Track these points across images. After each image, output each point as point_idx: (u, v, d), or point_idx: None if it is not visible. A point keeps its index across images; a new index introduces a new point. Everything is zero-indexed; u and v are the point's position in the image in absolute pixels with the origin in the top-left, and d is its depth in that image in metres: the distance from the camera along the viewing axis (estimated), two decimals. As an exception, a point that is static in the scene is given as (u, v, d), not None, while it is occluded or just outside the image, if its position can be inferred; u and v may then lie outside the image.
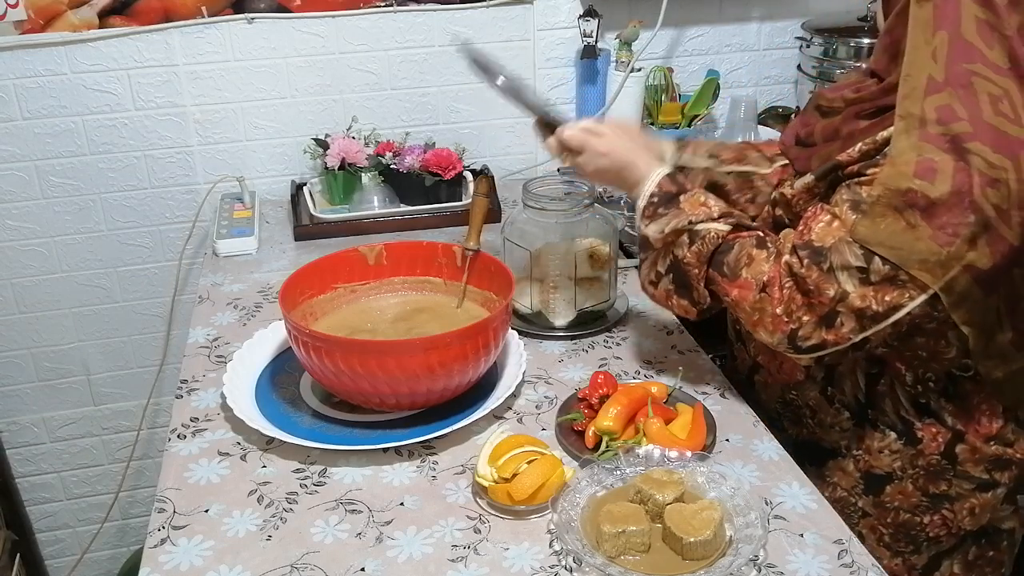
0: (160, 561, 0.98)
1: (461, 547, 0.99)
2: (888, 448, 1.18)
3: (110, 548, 2.29)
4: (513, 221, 1.42)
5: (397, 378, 1.11)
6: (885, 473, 1.19)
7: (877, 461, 1.19)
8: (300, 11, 1.84)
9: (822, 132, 1.15)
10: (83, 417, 2.14)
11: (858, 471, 1.20)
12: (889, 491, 1.19)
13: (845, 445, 1.20)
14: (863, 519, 1.22)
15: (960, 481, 1.17)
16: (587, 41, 1.89)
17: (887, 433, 1.17)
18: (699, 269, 1.14)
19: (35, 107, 1.82)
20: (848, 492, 1.22)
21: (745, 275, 1.10)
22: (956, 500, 1.19)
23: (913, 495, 1.19)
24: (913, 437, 1.16)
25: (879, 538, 1.22)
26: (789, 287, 1.06)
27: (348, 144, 1.80)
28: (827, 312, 1.03)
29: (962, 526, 1.20)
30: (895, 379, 1.15)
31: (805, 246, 1.05)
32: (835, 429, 1.21)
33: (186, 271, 2.01)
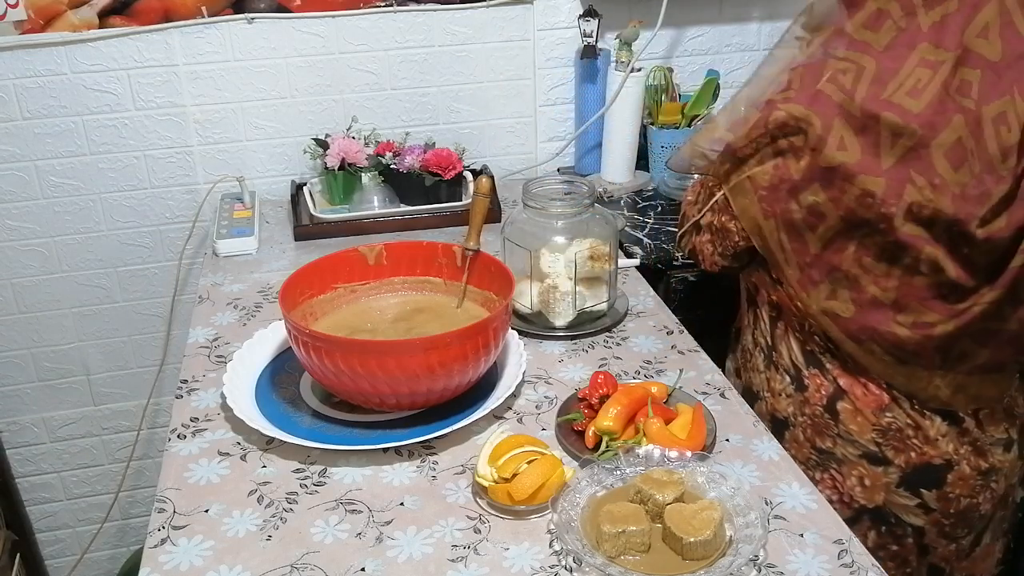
0: (160, 561, 0.98)
1: (461, 547, 0.99)
2: (784, 391, 1.29)
3: (110, 548, 2.29)
4: (513, 221, 1.42)
5: (397, 378, 1.11)
6: (782, 418, 1.29)
7: (778, 404, 1.30)
8: (300, 11, 1.84)
9: None
10: (83, 417, 2.14)
11: (768, 413, 1.32)
12: (788, 437, 1.29)
13: (758, 384, 1.33)
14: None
15: (845, 443, 1.23)
16: (587, 41, 1.89)
17: (784, 376, 1.29)
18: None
19: (35, 107, 1.82)
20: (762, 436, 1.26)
21: None
22: (843, 463, 1.24)
23: (804, 444, 1.28)
24: (802, 384, 1.26)
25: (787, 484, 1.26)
26: None
27: (348, 144, 1.80)
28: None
29: (854, 496, 1.24)
30: (788, 325, 1.26)
31: None
32: (757, 370, 1.34)
33: (186, 271, 2.01)
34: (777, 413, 1.28)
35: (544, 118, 2.05)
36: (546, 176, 1.86)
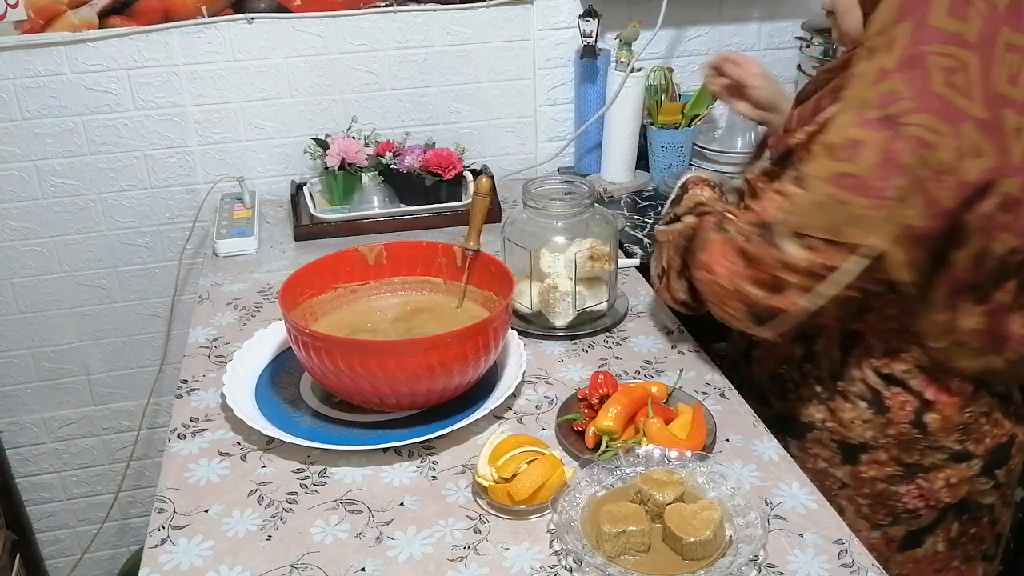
0: (160, 561, 0.98)
1: (461, 547, 0.99)
2: (859, 418, 1.21)
3: (110, 548, 2.29)
4: (513, 221, 1.42)
5: (397, 378, 1.11)
6: (859, 443, 1.22)
7: (850, 432, 1.23)
8: (300, 11, 1.84)
9: (798, 117, 1.19)
10: (83, 417, 2.14)
11: (834, 442, 1.24)
12: (864, 460, 1.23)
13: (821, 418, 1.25)
14: (842, 490, 1.25)
15: (933, 452, 1.20)
16: (587, 41, 1.89)
17: (857, 403, 1.21)
18: (676, 259, 1.25)
19: (35, 107, 1.82)
20: (827, 463, 1.25)
21: (701, 257, 1.16)
22: (930, 470, 1.21)
23: (888, 464, 1.22)
24: (882, 406, 1.20)
25: (857, 509, 1.25)
26: (737, 263, 1.11)
27: (348, 144, 1.80)
28: (770, 278, 1.08)
29: (940, 498, 1.23)
30: (865, 351, 1.19)
31: (755, 223, 1.10)
32: (811, 403, 1.26)
33: (186, 271, 2.01)
34: (850, 440, 1.22)
35: (544, 118, 2.05)
36: (546, 176, 1.86)
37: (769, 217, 1.08)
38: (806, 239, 1.04)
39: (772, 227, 1.07)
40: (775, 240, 1.07)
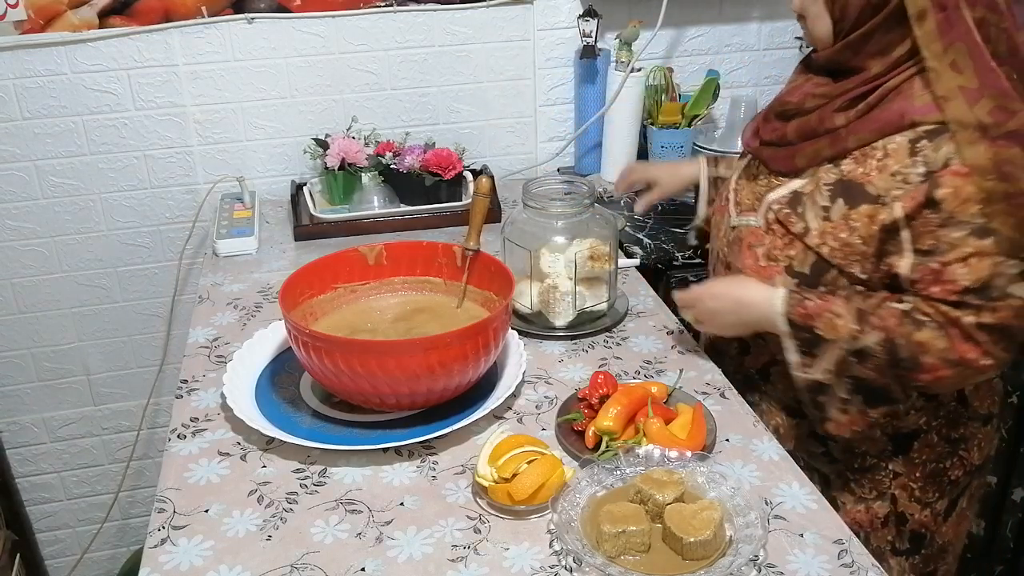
0: (160, 561, 0.98)
1: (461, 547, 0.99)
2: (913, 408, 1.23)
3: (110, 548, 2.29)
4: (513, 221, 1.42)
5: (397, 378, 1.11)
6: (912, 431, 1.25)
7: (903, 423, 1.24)
8: (300, 11, 1.84)
9: (797, 131, 1.19)
10: (83, 417, 2.14)
11: (884, 435, 1.25)
12: (917, 446, 1.26)
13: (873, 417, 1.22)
14: (895, 480, 1.28)
15: (971, 421, 1.26)
16: (587, 41, 1.89)
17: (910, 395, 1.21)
18: (885, 379, 1.13)
19: (35, 107, 1.82)
20: (878, 458, 1.26)
21: (928, 360, 1.10)
22: (968, 439, 1.27)
23: (938, 444, 1.26)
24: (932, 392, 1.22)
25: (910, 494, 1.28)
26: (985, 338, 1.08)
27: (348, 144, 1.80)
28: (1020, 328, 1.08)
29: (973, 463, 1.29)
30: None
31: (966, 293, 1.07)
32: None
33: (186, 271, 2.01)
34: (902, 430, 1.24)
35: (544, 118, 2.05)
36: (546, 176, 1.86)
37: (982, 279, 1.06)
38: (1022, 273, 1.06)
39: (992, 284, 1.06)
40: (1003, 293, 1.06)
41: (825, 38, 1.16)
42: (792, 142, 1.20)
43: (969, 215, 1.05)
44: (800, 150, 1.18)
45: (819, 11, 1.14)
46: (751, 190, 1.27)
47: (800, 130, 1.19)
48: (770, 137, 1.24)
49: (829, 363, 1.15)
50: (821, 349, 1.15)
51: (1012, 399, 1.92)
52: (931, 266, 1.09)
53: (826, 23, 1.15)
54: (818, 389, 1.18)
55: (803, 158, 1.18)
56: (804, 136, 1.18)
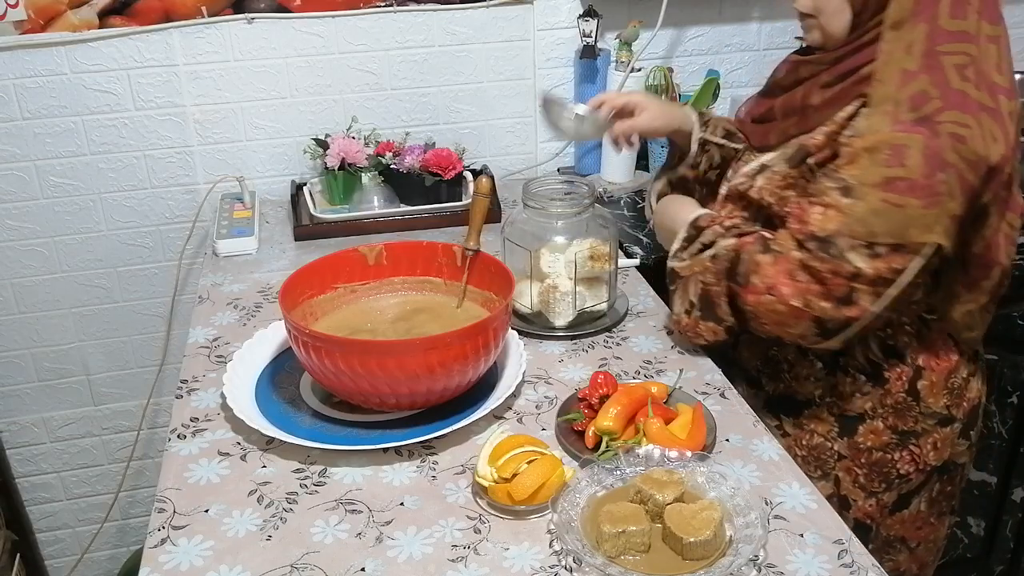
0: (160, 561, 0.98)
1: (461, 547, 0.99)
2: (859, 391, 1.28)
3: (110, 548, 2.29)
4: (513, 221, 1.42)
5: (397, 378, 1.11)
6: (857, 414, 1.29)
7: (849, 405, 1.29)
8: (300, 11, 1.84)
9: (781, 107, 1.25)
10: (83, 417, 2.14)
11: (832, 416, 1.30)
12: (862, 431, 1.29)
13: (819, 394, 1.30)
14: (839, 462, 1.31)
15: (924, 417, 1.28)
16: (587, 41, 1.89)
17: (857, 377, 1.27)
18: (719, 286, 1.22)
19: (35, 107, 1.82)
20: (824, 437, 1.31)
21: (754, 281, 1.17)
22: (921, 435, 1.29)
23: (884, 433, 1.29)
24: (881, 378, 1.27)
25: (854, 479, 1.31)
26: (804, 280, 1.13)
27: (348, 144, 1.80)
28: (842, 291, 1.11)
29: (928, 461, 1.30)
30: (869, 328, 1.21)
31: (810, 238, 1.13)
32: (809, 380, 1.30)
33: (186, 271, 2.01)
34: (848, 412, 1.29)
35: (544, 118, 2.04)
36: (546, 176, 1.86)
37: (827, 231, 1.11)
38: (871, 247, 1.09)
39: (833, 240, 1.10)
40: (840, 253, 1.10)
41: (840, 34, 1.17)
42: (775, 118, 1.26)
43: (848, 173, 1.11)
44: (775, 127, 1.25)
45: (839, 6, 1.15)
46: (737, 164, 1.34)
47: (784, 106, 1.24)
48: (759, 112, 1.30)
49: (689, 254, 1.26)
50: (692, 243, 1.27)
51: (1012, 399, 1.93)
52: (801, 203, 1.16)
53: (845, 18, 1.16)
54: (674, 278, 1.29)
55: (776, 135, 1.25)
56: (786, 113, 1.24)
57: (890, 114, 1.09)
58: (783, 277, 1.14)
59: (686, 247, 1.28)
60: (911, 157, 1.07)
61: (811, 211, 1.14)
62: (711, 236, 1.25)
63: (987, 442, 1.96)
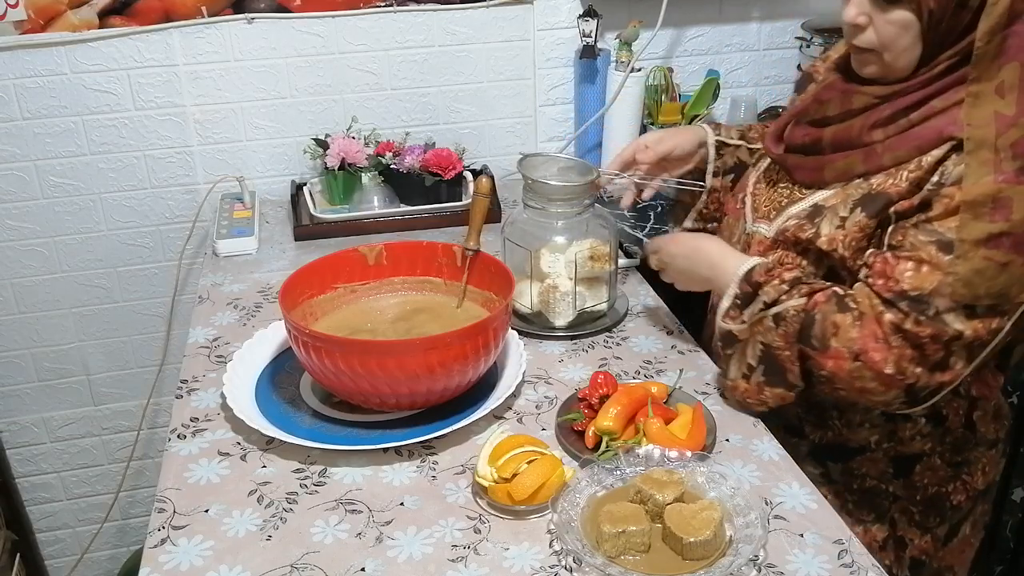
0: (160, 561, 0.98)
1: (461, 547, 0.99)
2: (919, 433, 1.21)
3: (110, 548, 2.29)
4: (513, 221, 1.42)
5: (397, 378, 1.11)
6: (912, 455, 1.22)
7: (907, 447, 1.22)
8: (300, 11, 1.84)
9: (832, 140, 1.13)
10: (83, 417, 2.14)
11: (887, 458, 1.23)
12: (919, 470, 1.23)
13: (875, 440, 1.22)
14: (894, 503, 1.25)
15: (979, 446, 1.23)
16: (587, 41, 1.89)
17: (917, 420, 1.20)
18: (790, 351, 1.11)
19: (35, 107, 1.82)
20: (878, 480, 1.24)
21: (835, 345, 1.07)
22: (973, 463, 1.24)
23: (940, 468, 1.23)
24: (940, 417, 1.20)
25: (910, 518, 1.26)
26: (898, 344, 1.04)
27: (348, 144, 1.80)
28: (941, 357, 1.04)
29: (976, 487, 1.25)
30: None
31: (900, 297, 1.04)
32: (864, 427, 1.21)
33: (186, 271, 2.01)
34: (904, 453, 1.21)
35: (544, 118, 2.05)
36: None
37: (923, 290, 1.03)
38: (971, 308, 1.02)
39: (930, 301, 1.02)
40: (937, 314, 1.02)
41: (906, 70, 1.08)
42: (823, 151, 1.15)
43: (945, 227, 1.03)
44: (831, 162, 1.13)
45: (910, 43, 1.05)
46: (769, 197, 1.23)
47: (836, 139, 1.13)
48: (800, 142, 1.18)
49: (748, 315, 1.14)
50: (750, 301, 1.15)
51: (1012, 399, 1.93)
52: (887, 257, 1.06)
53: (914, 54, 1.06)
54: (730, 341, 1.17)
55: (833, 171, 1.14)
56: (839, 146, 1.13)
57: (991, 163, 1.00)
58: (872, 341, 1.05)
59: (740, 305, 1.16)
60: (1018, 211, 0.99)
61: (901, 267, 1.04)
62: (774, 294, 1.12)
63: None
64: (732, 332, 1.17)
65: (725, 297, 1.18)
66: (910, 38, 1.05)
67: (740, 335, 1.16)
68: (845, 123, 1.13)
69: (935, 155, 1.05)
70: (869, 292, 1.07)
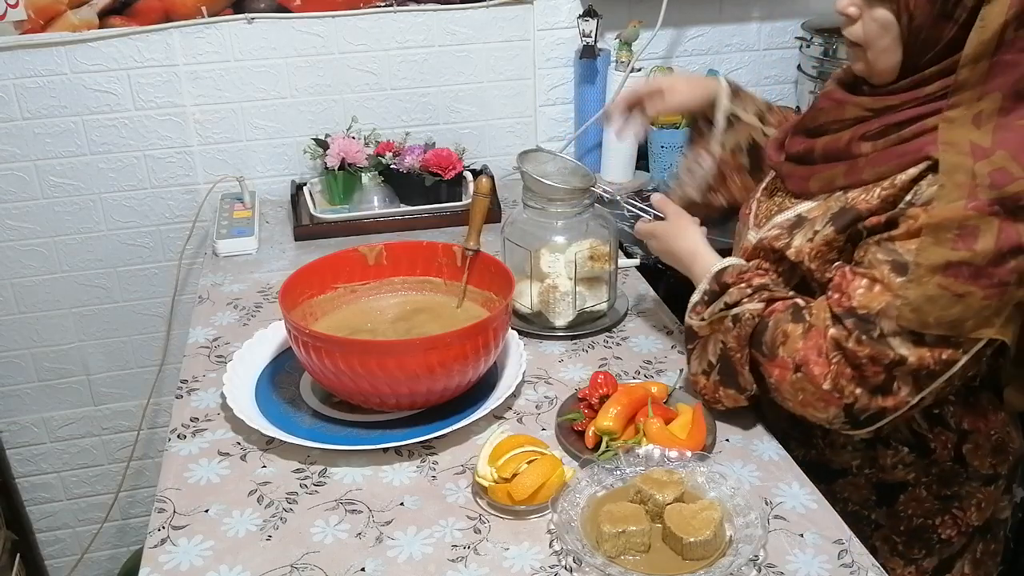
0: (160, 561, 0.98)
1: (461, 547, 0.99)
2: (901, 462, 1.17)
3: (110, 548, 2.29)
4: (513, 221, 1.42)
5: (397, 378, 1.11)
6: (895, 483, 1.19)
7: (890, 475, 1.18)
8: (300, 11, 1.84)
9: (823, 150, 1.13)
10: (83, 417, 2.14)
11: (869, 484, 1.20)
12: (903, 500, 1.19)
13: (856, 464, 1.19)
14: (876, 531, 1.21)
15: (971, 480, 1.18)
16: (587, 41, 1.89)
17: (899, 449, 1.17)
18: (741, 353, 1.11)
19: (35, 107, 1.82)
20: (860, 506, 1.21)
21: (781, 354, 1.06)
22: (964, 498, 1.19)
23: (927, 500, 1.19)
24: (925, 448, 1.16)
25: (892, 548, 1.22)
26: (837, 361, 1.02)
27: (348, 144, 1.80)
28: (882, 381, 1.01)
29: (970, 523, 1.21)
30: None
31: (848, 314, 1.02)
32: (847, 449, 1.19)
33: (186, 271, 2.01)
34: (886, 482, 1.18)
35: (544, 118, 2.05)
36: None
37: (869, 309, 1.00)
38: (920, 336, 0.98)
39: (875, 321, 1.00)
40: (881, 336, 0.99)
41: (889, 73, 1.06)
42: (815, 161, 1.14)
43: (904, 248, 1.00)
44: (817, 172, 1.12)
45: (890, 45, 1.03)
46: (767, 206, 1.22)
47: (826, 149, 1.12)
48: (796, 151, 1.17)
49: (709, 313, 1.14)
50: (715, 301, 1.14)
51: None
52: (845, 272, 1.05)
53: (895, 58, 1.04)
54: (691, 336, 1.18)
55: (818, 182, 1.12)
56: (828, 157, 1.12)
57: (966, 187, 0.96)
58: (814, 354, 1.03)
59: (707, 302, 1.15)
60: (983, 241, 0.95)
61: (855, 283, 1.02)
62: (737, 295, 1.12)
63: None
64: (693, 328, 1.17)
65: (696, 292, 1.18)
66: (890, 39, 1.03)
67: (699, 332, 1.16)
68: (836, 134, 1.11)
69: (911, 174, 1.02)
70: (825, 305, 1.05)
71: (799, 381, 1.05)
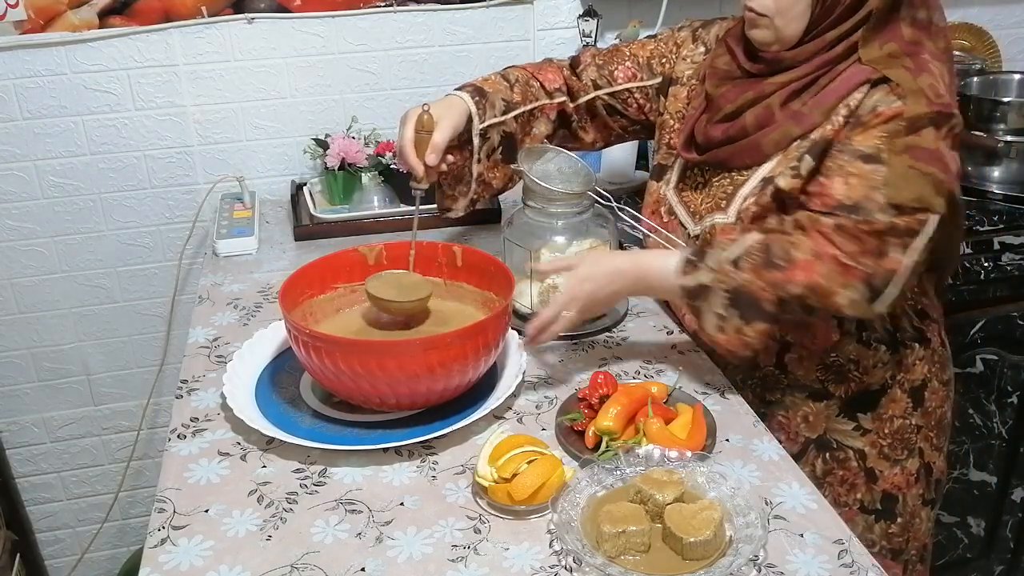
0: (160, 561, 0.98)
1: (461, 547, 0.99)
2: (918, 358, 1.33)
3: (110, 548, 2.29)
4: (513, 221, 1.42)
5: (397, 378, 1.11)
6: (921, 382, 1.34)
7: (913, 375, 1.33)
8: (300, 11, 1.84)
9: (756, 121, 1.22)
10: (83, 417, 2.14)
11: (903, 393, 1.33)
12: (927, 396, 1.35)
13: (891, 375, 1.32)
14: (918, 434, 1.35)
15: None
16: (587, 41, 1.89)
17: (913, 346, 1.32)
18: (761, 280, 1.14)
19: (35, 107, 1.82)
20: (903, 417, 1.34)
21: (798, 256, 1.13)
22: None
23: (940, 390, 1.36)
24: (925, 339, 1.33)
25: (930, 443, 1.37)
26: (840, 239, 1.12)
27: (348, 144, 1.80)
28: (876, 246, 1.12)
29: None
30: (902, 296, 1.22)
31: (838, 207, 1.13)
32: (879, 367, 1.31)
33: (186, 271, 2.01)
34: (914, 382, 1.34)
35: (544, 118, 2.04)
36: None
37: (853, 199, 1.12)
38: (898, 207, 1.11)
39: (860, 206, 1.12)
40: (870, 214, 1.11)
41: (793, 39, 1.18)
42: (749, 133, 1.22)
43: (866, 144, 1.13)
44: (765, 135, 1.21)
45: (802, 11, 1.16)
46: (708, 195, 1.28)
47: (759, 119, 1.22)
48: (724, 136, 1.24)
49: (712, 262, 1.17)
50: (705, 255, 1.18)
51: (1012, 399, 1.93)
52: (819, 180, 1.16)
53: (802, 24, 1.17)
54: (697, 294, 1.18)
55: (771, 143, 1.21)
56: (763, 123, 1.21)
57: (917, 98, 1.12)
58: (822, 241, 1.12)
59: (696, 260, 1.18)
60: (927, 133, 1.11)
61: (832, 184, 1.14)
62: (724, 245, 1.17)
63: (987, 442, 1.96)
64: (699, 285, 1.17)
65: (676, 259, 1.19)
66: (802, 6, 1.16)
67: (708, 282, 1.17)
68: (762, 104, 1.21)
69: (857, 97, 1.16)
70: (808, 213, 1.16)
71: (829, 272, 1.12)
